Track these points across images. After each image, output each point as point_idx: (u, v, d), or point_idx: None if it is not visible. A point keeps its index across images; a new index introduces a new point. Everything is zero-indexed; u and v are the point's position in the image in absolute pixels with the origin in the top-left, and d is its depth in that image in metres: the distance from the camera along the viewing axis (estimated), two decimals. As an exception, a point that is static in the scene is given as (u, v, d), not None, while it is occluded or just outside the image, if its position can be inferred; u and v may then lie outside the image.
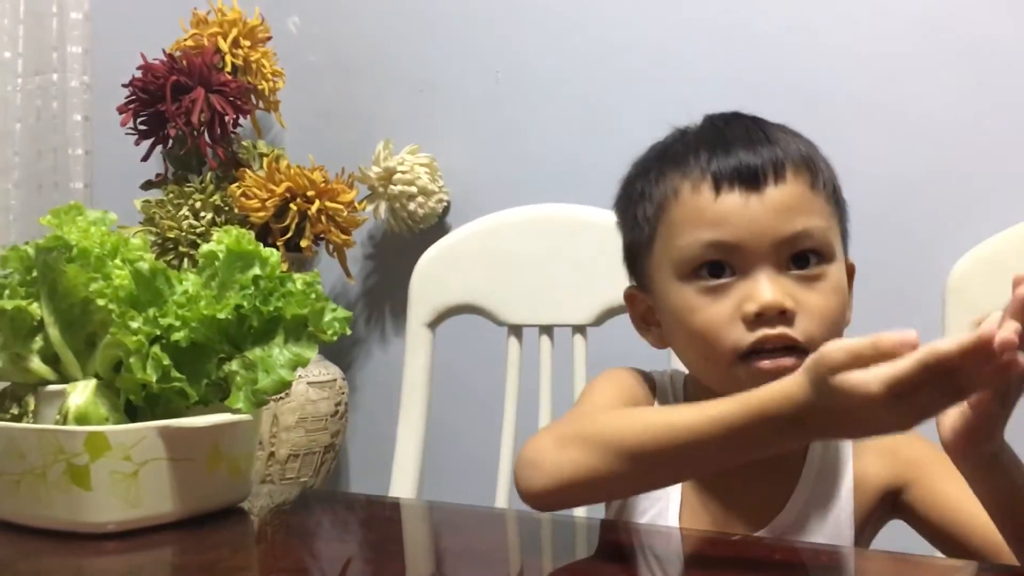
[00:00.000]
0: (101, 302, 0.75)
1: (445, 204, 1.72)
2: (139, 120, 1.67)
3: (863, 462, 0.81)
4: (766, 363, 0.73)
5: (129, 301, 0.76)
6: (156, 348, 0.75)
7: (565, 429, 0.73)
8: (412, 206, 1.67)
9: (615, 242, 0.86)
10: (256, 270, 0.80)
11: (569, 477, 0.68)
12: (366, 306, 1.86)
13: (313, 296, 0.79)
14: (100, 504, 0.70)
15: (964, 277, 1.17)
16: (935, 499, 0.78)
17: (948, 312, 1.17)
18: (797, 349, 0.73)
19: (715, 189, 0.76)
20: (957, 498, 0.75)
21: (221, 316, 0.76)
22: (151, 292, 0.78)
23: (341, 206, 1.63)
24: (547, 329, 1.19)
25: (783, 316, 0.73)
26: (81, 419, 0.75)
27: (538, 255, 1.19)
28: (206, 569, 0.63)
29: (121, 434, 0.71)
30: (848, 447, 0.82)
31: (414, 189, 1.65)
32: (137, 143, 1.69)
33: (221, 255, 0.81)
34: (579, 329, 1.18)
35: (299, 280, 0.81)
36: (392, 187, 1.66)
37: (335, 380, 1.72)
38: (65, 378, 0.78)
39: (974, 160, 1.31)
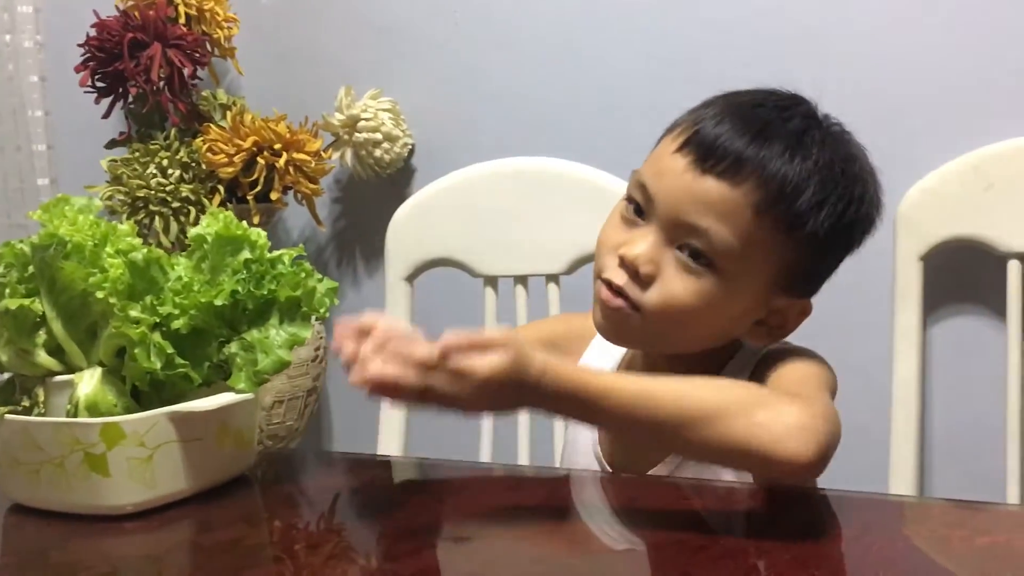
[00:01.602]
0: (100, 295, 0.78)
1: (410, 148, 1.74)
2: (96, 78, 1.65)
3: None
4: (607, 299, 0.80)
5: (127, 292, 0.79)
6: (158, 336, 0.78)
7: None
8: (378, 152, 1.68)
9: (584, 192, 0.90)
10: (247, 253, 0.83)
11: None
12: (336, 249, 1.89)
13: (303, 275, 0.83)
14: (119, 488, 0.75)
15: (913, 206, 1.23)
16: None
17: (899, 240, 1.23)
18: (630, 302, 0.78)
19: (681, 146, 0.79)
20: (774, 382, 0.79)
21: (218, 303, 0.79)
22: (146, 281, 0.81)
23: (308, 156, 1.64)
24: (522, 279, 1.24)
25: (636, 277, 0.78)
26: (91, 407, 0.78)
27: (510, 208, 1.23)
28: (229, 548, 0.68)
29: (134, 422, 0.75)
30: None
31: (379, 136, 1.67)
32: (97, 102, 1.68)
33: (210, 238, 0.84)
34: (552, 278, 1.22)
35: (287, 257, 0.85)
36: (357, 134, 1.68)
37: (312, 326, 1.76)
38: (71, 368, 0.81)
39: (922, 93, 1.36)
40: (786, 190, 0.76)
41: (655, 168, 0.80)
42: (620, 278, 0.79)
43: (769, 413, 0.67)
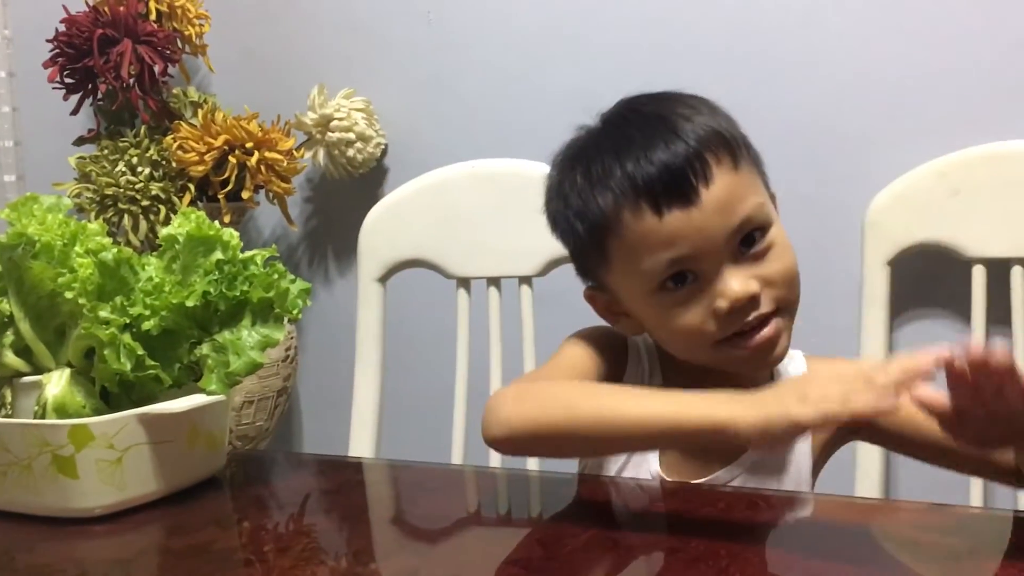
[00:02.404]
0: (69, 295, 0.78)
1: (383, 148, 1.73)
2: (65, 74, 1.63)
3: None
4: (751, 340, 0.79)
5: (96, 292, 0.79)
6: (128, 337, 0.78)
7: (527, 385, 0.79)
8: (351, 152, 1.68)
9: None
10: (219, 254, 0.83)
11: (521, 431, 0.73)
12: (308, 249, 1.88)
13: (275, 276, 0.83)
14: (88, 491, 0.74)
15: (882, 211, 1.25)
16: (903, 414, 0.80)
17: (867, 245, 1.25)
18: (771, 316, 0.79)
19: (655, 210, 0.77)
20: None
21: (189, 304, 0.79)
22: (117, 281, 0.81)
23: (280, 156, 1.63)
24: (495, 281, 1.24)
25: (752, 301, 0.78)
26: (59, 408, 0.78)
27: (484, 209, 1.23)
28: (199, 552, 0.68)
29: (103, 424, 0.74)
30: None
31: (352, 135, 1.66)
32: (66, 98, 1.66)
33: (182, 238, 0.84)
34: (525, 280, 1.22)
35: (259, 257, 0.84)
36: (330, 134, 1.67)
37: (284, 326, 1.75)
38: (39, 369, 0.80)
39: (891, 98, 1.37)
40: (725, 141, 0.80)
41: (663, 241, 0.78)
42: (747, 316, 0.78)
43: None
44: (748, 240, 0.79)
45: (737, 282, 0.77)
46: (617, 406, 0.71)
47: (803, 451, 0.86)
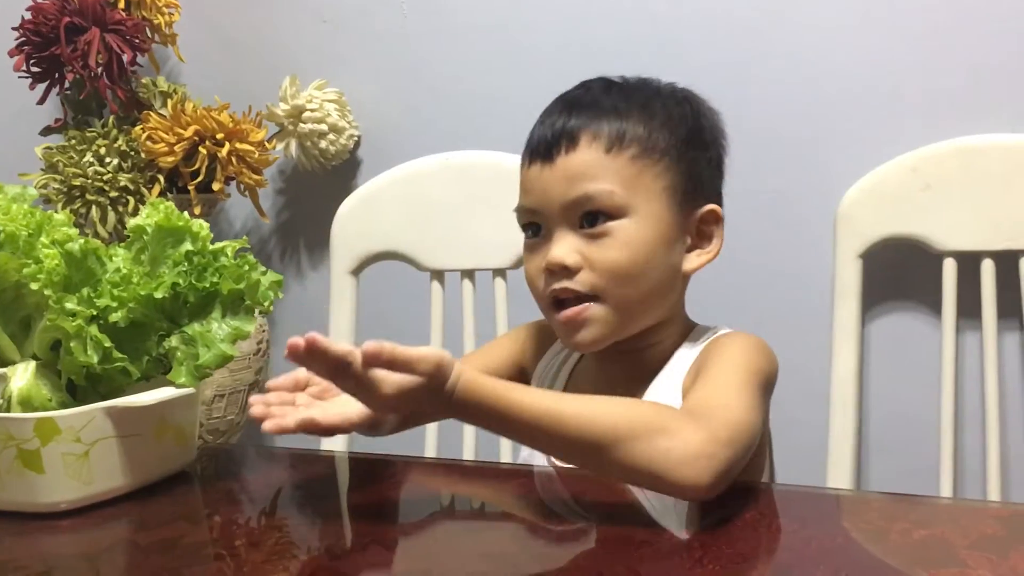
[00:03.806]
0: (35, 286, 0.76)
1: (356, 139, 1.72)
2: (31, 63, 1.61)
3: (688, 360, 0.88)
4: (561, 315, 0.85)
5: (62, 284, 0.77)
6: (95, 329, 0.76)
7: None
8: (323, 144, 1.66)
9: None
10: (188, 245, 0.82)
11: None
12: (280, 241, 1.87)
13: (246, 267, 0.82)
14: (54, 485, 0.73)
15: (854, 205, 1.26)
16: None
17: (839, 238, 1.26)
18: (585, 298, 0.84)
19: (528, 160, 0.88)
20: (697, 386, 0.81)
21: (158, 295, 0.78)
22: (83, 272, 0.79)
23: (251, 147, 1.61)
24: (468, 273, 1.23)
25: (566, 271, 0.84)
26: (24, 401, 0.76)
27: (457, 201, 1.22)
28: (168, 547, 0.67)
29: (69, 418, 0.73)
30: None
31: (324, 127, 1.65)
32: (32, 87, 1.63)
33: (150, 229, 0.82)
34: (499, 272, 1.22)
35: (229, 249, 0.83)
36: (302, 125, 1.65)
37: (255, 319, 1.73)
38: (4, 361, 0.79)
39: (863, 93, 1.38)
40: (618, 128, 0.85)
41: (523, 190, 0.88)
42: (561, 282, 0.84)
43: (671, 440, 0.68)
44: (592, 219, 0.84)
45: (559, 247, 0.84)
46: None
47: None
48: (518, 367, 0.99)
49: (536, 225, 0.87)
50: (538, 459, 0.88)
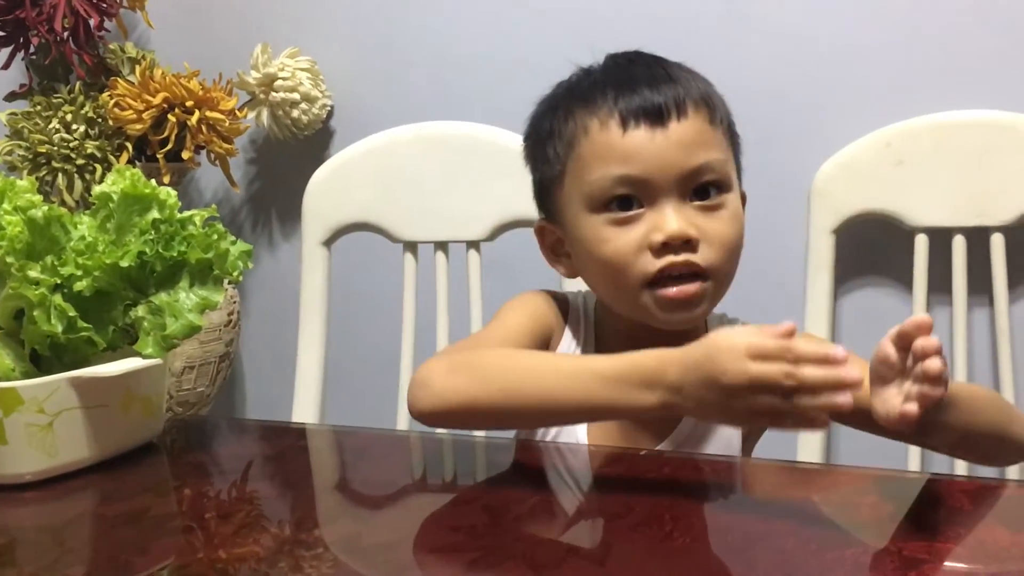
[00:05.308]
0: (-4, 254, 0.74)
1: (329, 109, 1.70)
2: (-5, 26, 1.57)
3: None
4: (671, 290, 0.78)
5: (25, 251, 0.76)
6: (59, 298, 0.75)
7: (459, 357, 0.76)
8: (295, 113, 1.64)
9: (507, 159, 0.89)
10: (155, 213, 0.80)
11: (453, 403, 0.72)
12: (251, 212, 1.84)
13: (215, 236, 0.80)
14: (17, 456, 0.72)
15: (827, 180, 1.26)
16: None
17: (812, 213, 1.26)
18: (699, 276, 0.79)
19: (623, 126, 0.79)
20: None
21: (124, 264, 0.76)
22: (47, 240, 0.78)
23: (222, 115, 1.59)
24: (442, 245, 1.22)
25: (687, 244, 0.78)
26: (-14, 371, 0.75)
27: (431, 172, 1.21)
28: (134, 519, 0.66)
29: (33, 388, 0.72)
30: None
31: (297, 96, 1.62)
32: (-5, 51, 1.60)
33: (116, 196, 0.81)
34: (473, 244, 1.21)
35: (198, 217, 0.82)
36: (274, 94, 1.63)
37: (225, 289, 1.71)
38: (-36, 331, 0.77)
39: (837, 69, 1.38)
40: (709, 101, 0.82)
41: (620, 158, 0.79)
42: (678, 256, 0.78)
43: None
44: (702, 192, 0.80)
45: (676, 219, 0.78)
46: (556, 384, 0.70)
47: (732, 430, 0.87)
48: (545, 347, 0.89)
49: (631, 198, 0.79)
50: (563, 436, 0.85)
